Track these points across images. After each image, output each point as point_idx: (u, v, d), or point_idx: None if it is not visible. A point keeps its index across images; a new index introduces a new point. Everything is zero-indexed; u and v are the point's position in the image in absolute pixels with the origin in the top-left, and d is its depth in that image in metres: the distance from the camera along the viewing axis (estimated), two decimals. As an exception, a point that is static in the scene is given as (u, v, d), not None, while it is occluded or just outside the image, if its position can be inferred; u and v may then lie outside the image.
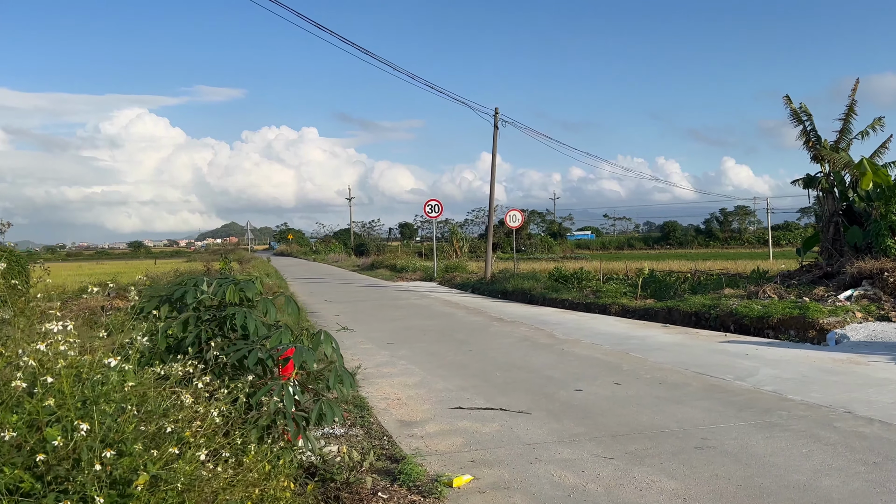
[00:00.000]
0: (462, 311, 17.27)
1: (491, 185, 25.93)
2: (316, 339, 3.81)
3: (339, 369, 3.74)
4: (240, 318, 3.67)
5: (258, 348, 3.58)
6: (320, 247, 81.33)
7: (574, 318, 15.76)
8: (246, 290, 3.89)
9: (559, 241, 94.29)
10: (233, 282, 3.95)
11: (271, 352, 3.64)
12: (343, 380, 3.70)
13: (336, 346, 3.92)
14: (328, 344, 3.81)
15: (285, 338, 3.70)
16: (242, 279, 4.12)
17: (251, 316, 3.75)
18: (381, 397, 8.05)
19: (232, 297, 3.83)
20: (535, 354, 10.81)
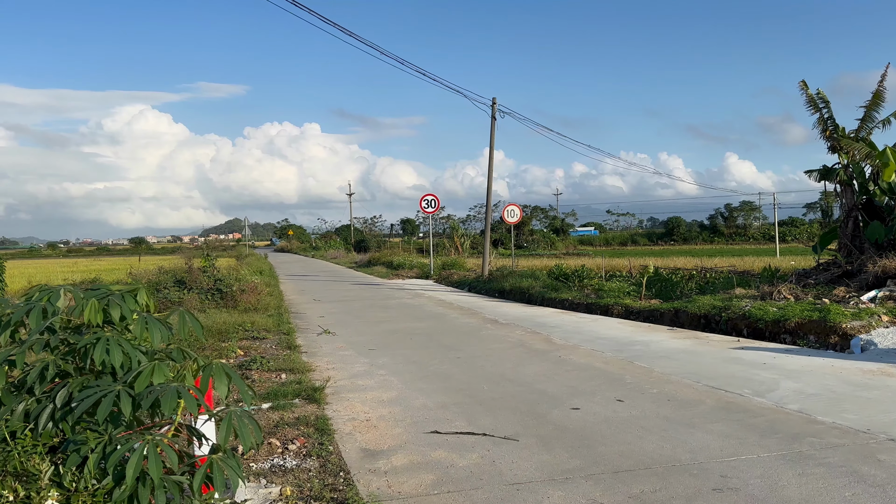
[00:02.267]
0: (455, 313, 16.23)
1: (489, 179, 24.88)
2: (205, 375, 2.80)
3: (236, 416, 2.71)
4: (99, 348, 2.67)
5: (119, 391, 2.58)
6: (320, 243, 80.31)
7: (574, 319, 14.71)
8: (110, 307, 2.88)
9: (562, 237, 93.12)
10: (100, 295, 2.94)
11: (144, 394, 2.63)
12: (241, 431, 2.68)
13: (239, 382, 2.89)
14: (221, 380, 2.79)
15: (160, 375, 2.69)
16: (119, 290, 3.10)
17: (116, 344, 2.74)
18: (348, 417, 7.02)
19: (93, 316, 2.83)
20: (529, 363, 9.77)
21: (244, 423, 2.71)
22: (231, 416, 2.72)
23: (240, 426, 2.70)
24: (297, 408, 7.37)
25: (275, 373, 9.27)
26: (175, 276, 20.10)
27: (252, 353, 10.96)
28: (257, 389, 8.35)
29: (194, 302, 17.23)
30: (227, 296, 17.86)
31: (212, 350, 11.28)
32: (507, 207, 25.02)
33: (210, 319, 13.98)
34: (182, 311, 3.17)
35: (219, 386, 2.76)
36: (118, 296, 3.00)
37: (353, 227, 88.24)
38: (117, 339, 2.75)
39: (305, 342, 12.03)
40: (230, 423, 2.69)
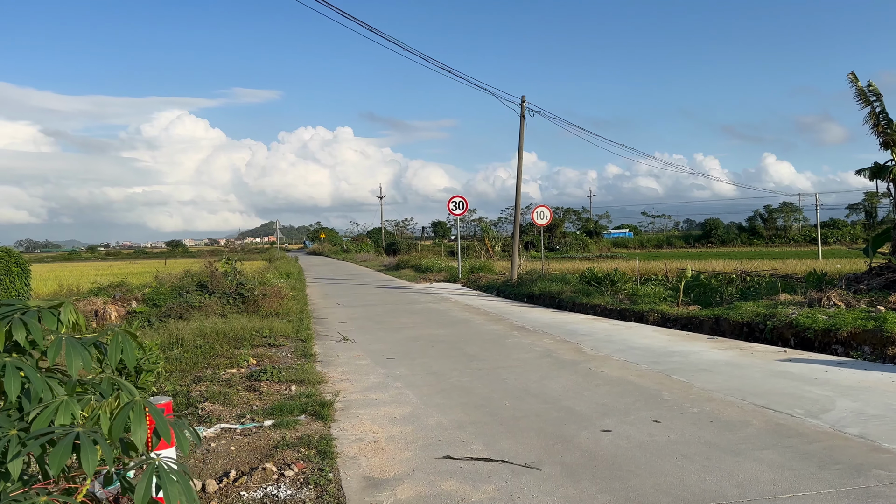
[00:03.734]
0: (480, 318, 15.56)
1: (517, 180, 24.14)
2: (120, 417, 2.20)
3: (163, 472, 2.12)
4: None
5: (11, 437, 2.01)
6: (351, 246, 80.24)
7: (606, 327, 13.93)
8: (15, 329, 2.30)
9: (595, 239, 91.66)
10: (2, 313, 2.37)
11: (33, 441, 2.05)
12: (166, 491, 2.08)
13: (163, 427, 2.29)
14: (139, 423, 2.19)
15: (65, 415, 2.12)
16: (39, 305, 2.53)
17: (13, 371, 2.17)
18: (355, 438, 6.42)
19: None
20: (557, 376, 9.07)
21: (170, 481, 2.11)
22: (151, 472, 2.13)
23: (165, 484, 2.10)
24: (302, 425, 6.80)
25: (284, 384, 8.74)
26: (198, 280, 19.82)
27: (265, 361, 10.47)
28: (265, 402, 7.83)
29: (215, 306, 16.87)
30: (249, 300, 17.48)
31: (225, 358, 10.83)
32: (536, 209, 24.24)
33: (228, 325, 13.57)
34: (118, 331, 2.60)
35: (135, 431, 2.17)
36: (32, 313, 2.44)
37: (383, 230, 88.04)
38: (14, 364, 2.19)
39: (322, 350, 11.50)
40: (149, 481, 2.10)
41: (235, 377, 9.30)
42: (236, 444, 6.25)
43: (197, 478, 5.42)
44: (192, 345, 12.00)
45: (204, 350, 11.56)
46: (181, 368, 10.50)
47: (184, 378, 9.76)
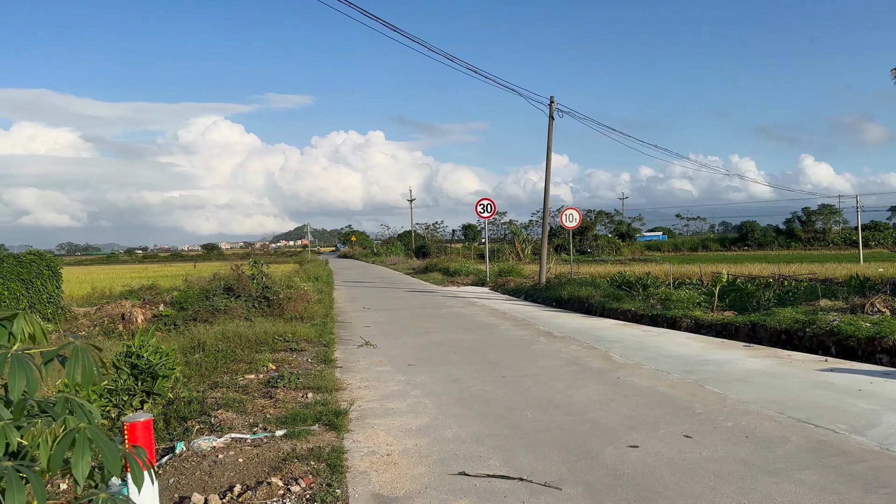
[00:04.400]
0: (507, 323, 15.21)
1: (546, 181, 23.70)
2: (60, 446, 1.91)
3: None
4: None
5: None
6: (381, 249, 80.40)
7: (636, 333, 13.47)
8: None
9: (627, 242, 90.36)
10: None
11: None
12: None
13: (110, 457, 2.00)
14: (81, 453, 1.91)
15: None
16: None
17: None
18: (368, 450, 6.15)
19: None
20: (583, 385, 8.69)
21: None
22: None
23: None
24: (314, 436, 6.56)
25: (301, 391, 8.52)
26: (225, 284, 19.83)
27: (285, 366, 10.28)
28: (280, 410, 7.61)
29: (240, 310, 16.82)
30: (275, 303, 17.39)
31: (244, 363, 10.68)
32: (565, 211, 23.77)
33: (252, 329, 13.46)
34: (78, 345, 2.35)
35: (76, 462, 1.90)
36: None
37: (413, 233, 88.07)
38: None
39: (343, 355, 11.28)
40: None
41: (253, 383, 9.12)
42: (245, 456, 6.03)
43: (201, 492, 5.21)
44: (214, 349, 11.89)
45: (225, 354, 11.43)
46: (200, 373, 10.38)
47: (201, 383, 9.62)
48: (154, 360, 8.94)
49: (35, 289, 18.77)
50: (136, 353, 8.96)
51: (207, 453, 6.17)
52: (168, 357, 9.29)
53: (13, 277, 18.29)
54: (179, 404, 8.31)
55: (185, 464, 5.93)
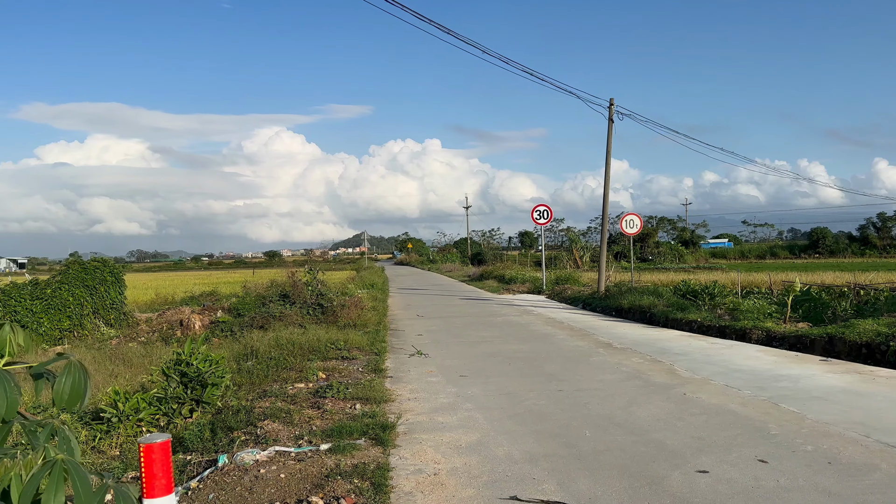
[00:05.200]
0: (564, 333, 14.68)
1: (605, 186, 23.02)
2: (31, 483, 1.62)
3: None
4: None
5: None
6: (437, 256, 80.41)
7: (703, 345, 12.75)
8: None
9: (691, 249, 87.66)
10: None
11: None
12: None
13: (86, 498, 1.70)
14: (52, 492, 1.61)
15: None
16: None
17: None
18: (414, 468, 5.82)
19: None
20: (645, 401, 8.15)
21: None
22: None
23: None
24: (360, 451, 6.27)
25: (350, 402, 8.28)
26: (281, 291, 19.94)
27: (335, 375, 10.09)
28: (326, 422, 7.37)
29: (295, 317, 16.83)
30: (329, 311, 17.34)
31: (295, 371, 10.54)
32: (625, 217, 23.02)
33: (305, 336, 13.37)
34: (73, 360, 2.10)
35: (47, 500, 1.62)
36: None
37: (469, 240, 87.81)
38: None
39: (394, 365, 11.02)
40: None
41: (302, 393, 8.94)
42: (287, 471, 5.78)
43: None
44: (267, 356, 11.82)
45: (277, 362, 11.34)
46: (251, 381, 10.29)
47: (252, 392, 9.51)
48: (203, 368, 8.87)
49: (99, 295, 19.27)
50: (186, 361, 8.90)
51: (250, 467, 5.96)
52: (217, 365, 9.21)
53: (78, 284, 18.82)
54: (228, 413, 8.18)
55: (227, 478, 5.72)
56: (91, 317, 19.14)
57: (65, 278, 19.15)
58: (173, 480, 2.80)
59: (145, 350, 15.48)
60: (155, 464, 2.71)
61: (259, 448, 6.51)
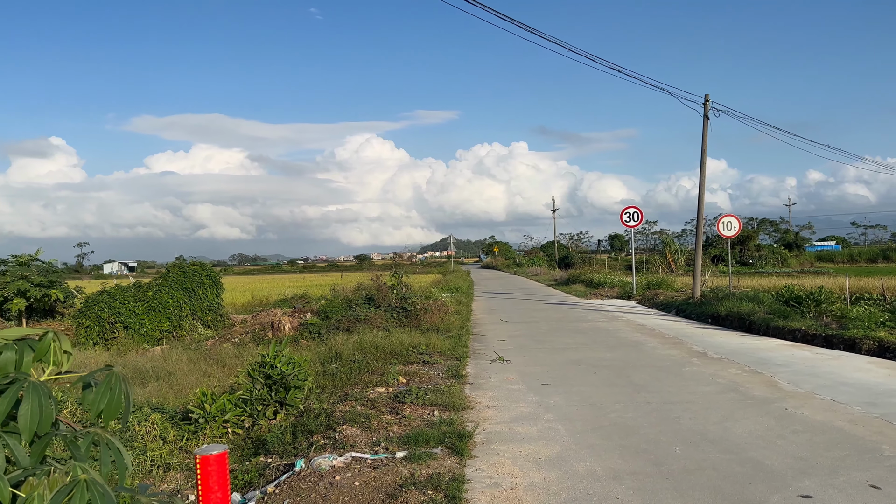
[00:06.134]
0: (654, 341, 14.04)
1: (700, 186, 21.95)
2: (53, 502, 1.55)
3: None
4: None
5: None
6: (523, 259, 79.64)
7: (807, 356, 11.85)
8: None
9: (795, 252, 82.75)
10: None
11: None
12: None
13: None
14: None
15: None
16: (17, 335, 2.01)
17: None
18: (490, 482, 5.61)
19: None
20: (742, 416, 7.59)
21: None
22: None
23: None
24: (435, 460, 6.12)
25: (428, 408, 8.16)
26: (367, 294, 20.19)
27: (415, 380, 10.02)
28: (404, 428, 7.28)
29: (379, 320, 16.96)
30: (412, 314, 17.38)
31: (377, 375, 10.55)
32: (722, 219, 21.85)
33: (388, 340, 13.43)
34: (113, 371, 2.04)
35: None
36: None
37: (556, 244, 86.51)
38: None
39: (475, 370, 10.83)
40: None
41: (381, 397, 8.91)
42: (362, 479, 5.71)
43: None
44: (350, 359, 11.92)
45: (360, 365, 11.40)
46: (334, 384, 10.37)
47: (333, 395, 9.57)
48: (286, 371, 8.99)
49: (197, 297, 20.12)
50: (270, 364, 9.06)
51: (325, 473, 5.93)
52: (300, 368, 9.32)
53: (177, 286, 19.73)
54: (309, 416, 8.24)
55: (303, 484, 5.71)
56: (189, 318, 20.01)
57: (165, 281, 20.12)
58: (230, 493, 2.73)
59: (238, 351, 15.99)
60: (211, 476, 2.64)
61: (336, 453, 6.48)
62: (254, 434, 8.37)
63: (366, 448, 6.70)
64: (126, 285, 20.33)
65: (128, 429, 7.77)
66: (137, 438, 7.63)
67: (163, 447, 7.54)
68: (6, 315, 21.24)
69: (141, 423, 8.01)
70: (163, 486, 6.80)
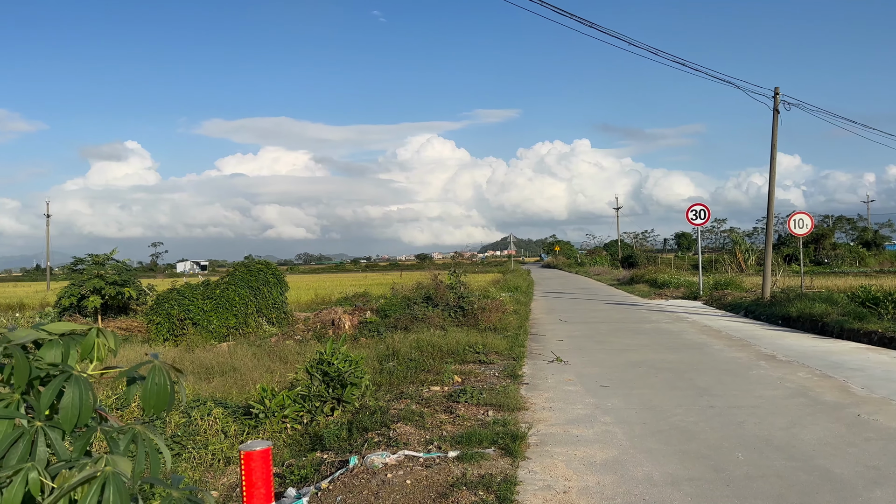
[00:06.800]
0: (720, 343, 13.57)
1: (770, 183, 21.11)
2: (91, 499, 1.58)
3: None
4: None
5: None
6: (585, 259, 78.49)
7: (885, 360, 11.23)
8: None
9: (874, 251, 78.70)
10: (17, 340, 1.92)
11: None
12: None
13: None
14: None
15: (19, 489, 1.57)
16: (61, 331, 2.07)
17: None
18: (542, 484, 5.52)
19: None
20: (811, 423, 7.24)
21: None
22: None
23: None
24: (487, 461, 6.08)
25: (482, 408, 8.12)
26: (425, 293, 20.29)
27: (471, 379, 9.99)
28: (457, 427, 7.26)
29: (437, 319, 17.01)
30: (469, 313, 17.35)
31: (432, 374, 10.57)
32: (793, 216, 20.95)
33: (445, 339, 13.45)
34: (157, 364, 2.08)
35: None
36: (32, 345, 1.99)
37: (620, 242, 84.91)
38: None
39: (531, 371, 10.72)
40: None
41: (436, 396, 8.92)
42: (413, 477, 5.72)
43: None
44: (407, 358, 11.99)
45: (416, 363, 11.45)
46: (390, 382, 10.45)
47: (389, 393, 9.64)
48: (343, 368, 9.11)
49: (262, 295, 20.64)
50: (328, 361, 9.20)
51: (378, 471, 5.97)
52: (357, 365, 9.43)
53: (243, 285, 20.28)
54: (365, 413, 8.33)
55: (356, 480, 5.76)
56: (255, 315, 20.55)
57: (232, 279, 20.73)
58: (273, 490, 2.76)
59: (300, 348, 16.31)
60: (254, 472, 2.68)
61: (389, 451, 6.52)
62: (311, 430, 8.52)
63: (419, 446, 6.72)
64: (195, 283, 21.04)
65: (191, 422, 8.03)
66: (200, 432, 7.87)
67: (223, 441, 7.75)
68: (83, 312, 22.31)
69: (204, 417, 8.26)
70: (223, 480, 7.00)
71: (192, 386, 10.72)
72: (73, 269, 24.66)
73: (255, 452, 2.72)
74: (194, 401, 9.03)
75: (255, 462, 2.69)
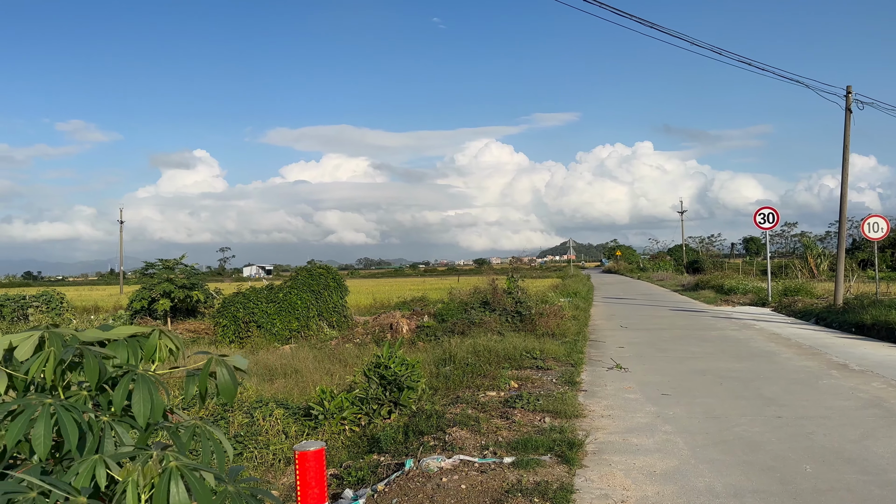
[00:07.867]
0: (788, 351, 13.06)
1: (843, 185, 20.22)
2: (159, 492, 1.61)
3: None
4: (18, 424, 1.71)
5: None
6: (648, 264, 76.83)
7: (970, 372, 10.58)
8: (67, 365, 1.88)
9: (960, 256, 74.35)
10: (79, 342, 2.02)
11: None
12: None
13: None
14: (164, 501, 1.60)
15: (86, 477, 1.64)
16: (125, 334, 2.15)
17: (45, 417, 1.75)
18: (599, 493, 5.43)
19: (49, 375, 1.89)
20: (885, 434, 6.89)
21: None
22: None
23: None
24: (543, 468, 6.02)
25: (539, 414, 8.05)
26: (482, 297, 20.26)
27: (527, 385, 9.93)
28: (513, 433, 7.22)
29: (494, 324, 16.96)
30: (527, 318, 17.24)
31: (489, 379, 10.55)
32: (867, 219, 19.99)
33: (501, 344, 13.40)
34: (218, 358, 2.15)
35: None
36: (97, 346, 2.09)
37: (685, 247, 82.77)
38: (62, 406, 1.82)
39: (590, 378, 10.57)
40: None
41: (493, 401, 8.90)
42: (468, 482, 5.72)
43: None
44: (463, 362, 12.00)
45: (473, 368, 11.45)
46: (447, 386, 10.48)
47: (445, 397, 9.67)
48: (400, 372, 9.20)
49: (323, 299, 21.07)
50: (385, 364, 9.31)
51: (433, 474, 6.00)
52: (413, 369, 9.51)
53: (305, 289, 20.75)
54: (421, 417, 8.38)
55: (411, 484, 5.81)
56: (316, 319, 20.98)
57: (294, 284, 21.22)
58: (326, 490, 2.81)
59: (359, 351, 16.56)
60: (308, 472, 2.74)
61: (445, 455, 6.54)
62: (368, 432, 8.63)
63: (474, 451, 6.72)
64: (259, 287, 21.63)
65: (253, 423, 8.25)
66: (262, 433, 8.08)
67: (284, 442, 7.94)
68: (153, 315, 23.23)
69: (266, 417, 8.48)
70: (283, 480, 7.16)
71: (255, 387, 11.01)
72: (144, 274, 25.72)
73: (310, 452, 2.79)
74: (257, 401, 9.28)
75: (309, 462, 2.75)
